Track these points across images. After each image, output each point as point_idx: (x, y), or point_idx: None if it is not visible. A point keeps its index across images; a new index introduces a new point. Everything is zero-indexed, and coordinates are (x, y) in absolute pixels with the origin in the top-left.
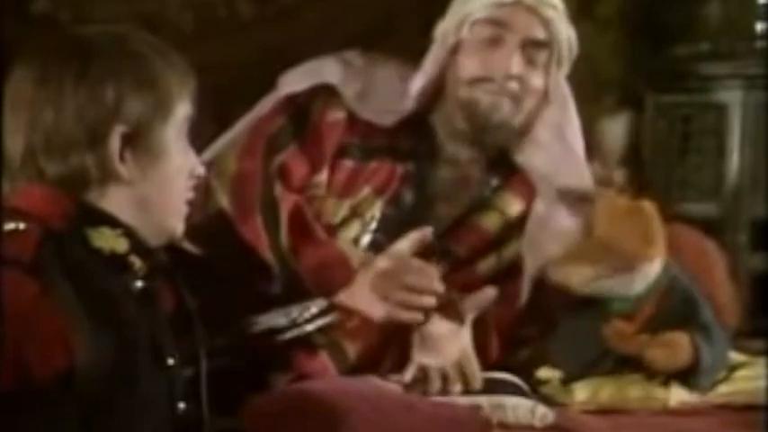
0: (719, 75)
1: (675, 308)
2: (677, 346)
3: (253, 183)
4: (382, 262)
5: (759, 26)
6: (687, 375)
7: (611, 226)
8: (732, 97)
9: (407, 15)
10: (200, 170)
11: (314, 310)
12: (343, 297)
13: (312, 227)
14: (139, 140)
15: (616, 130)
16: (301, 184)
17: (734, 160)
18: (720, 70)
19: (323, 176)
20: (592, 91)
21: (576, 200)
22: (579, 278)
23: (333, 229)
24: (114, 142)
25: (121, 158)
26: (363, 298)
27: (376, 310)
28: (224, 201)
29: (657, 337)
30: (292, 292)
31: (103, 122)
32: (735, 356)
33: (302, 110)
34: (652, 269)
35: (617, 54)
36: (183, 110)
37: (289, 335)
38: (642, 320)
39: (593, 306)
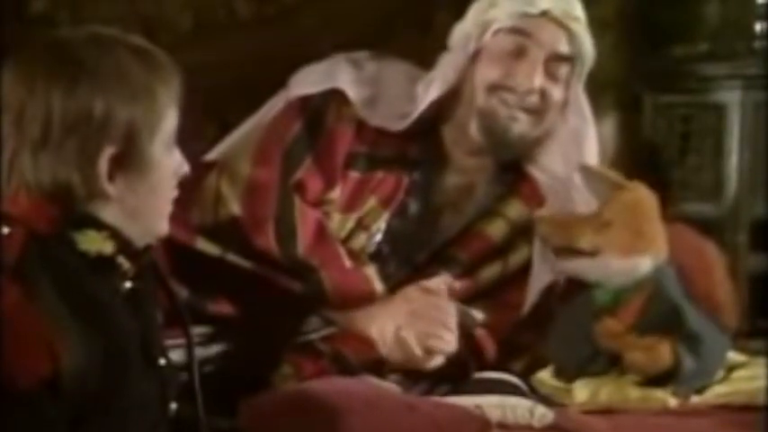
0: (718, 75)
1: (659, 316)
2: (657, 352)
3: (267, 194)
4: (411, 293)
5: (758, 26)
6: (666, 381)
7: (614, 211)
8: (731, 97)
9: (407, 16)
10: (185, 169)
11: (317, 321)
12: (358, 317)
13: (337, 250)
14: (128, 159)
15: (607, 131)
16: (316, 200)
17: (733, 160)
18: (719, 70)
19: (336, 193)
20: (590, 92)
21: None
22: (570, 239)
23: (341, 243)
24: (103, 164)
25: (110, 178)
26: (379, 325)
27: (388, 341)
28: (235, 207)
29: (641, 340)
30: (310, 295)
31: (92, 143)
32: (734, 356)
33: (317, 117)
34: (640, 265)
35: (615, 54)
36: (170, 120)
37: (293, 342)
38: (627, 321)
39: (583, 302)
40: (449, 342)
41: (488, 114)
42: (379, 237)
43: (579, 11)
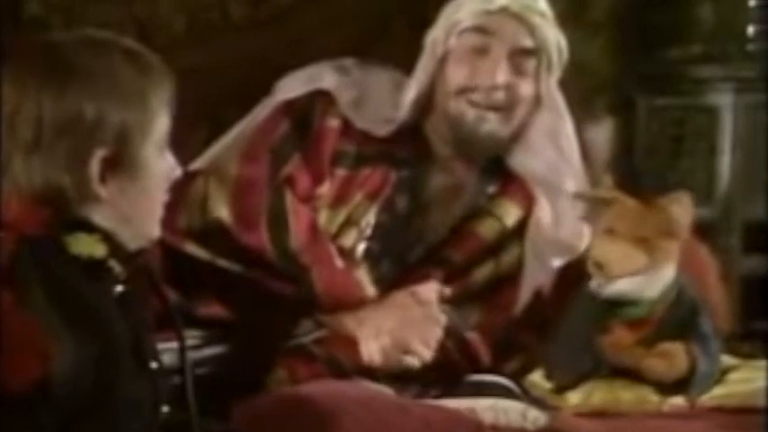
0: (711, 77)
1: (681, 317)
2: (674, 357)
3: (257, 191)
4: (403, 299)
5: (751, 29)
6: (681, 385)
7: (633, 225)
8: (724, 100)
9: (401, 20)
10: (178, 172)
11: (309, 324)
12: (349, 321)
13: (329, 249)
14: (120, 162)
15: (602, 135)
16: (305, 196)
17: (726, 163)
18: (712, 73)
19: (325, 188)
20: (584, 94)
21: (580, 207)
22: (618, 269)
23: (331, 239)
24: (94, 166)
25: (102, 180)
26: (369, 330)
27: (373, 347)
28: (223, 210)
29: (654, 348)
30: (302, 297)
31: (83, 146)
32: (728, 359)
33: (303, 116)
34: (670, 270)
35: (609, 57)
36: (163, 123)
37: (285, 345)
38: (649, 328)
39: (590, 316)
40: (422, 357)
41: (457, 117)
42: (368, 232)
43: (542, 4)
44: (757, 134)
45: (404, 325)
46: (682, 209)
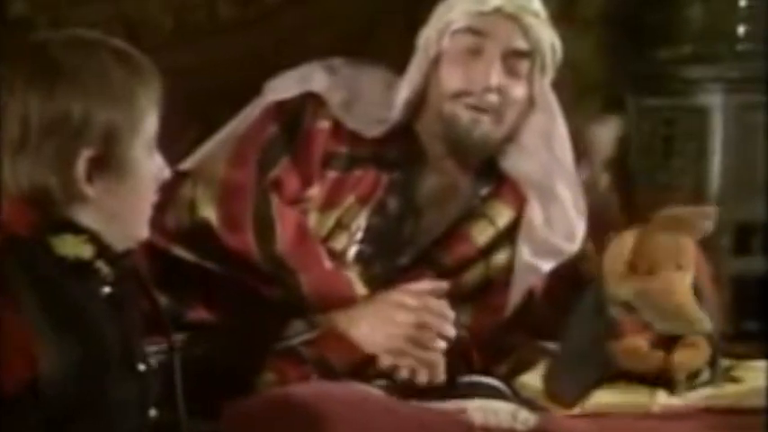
0: (701, 78)
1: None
2: (699, 345)
3: (244, 194)
4: (397, 295)
5: (741, 29)
6: (701, 378)
7: (671, 253)
8: (714, 100)
9: (391, 20)
10: (166, 173)
11: (298, 326)
12: (341, 319)
13: (317, 250)
14: (108, 162)
15: (605, 134)
16: (294, 198)
17: (716, 163)
18: (702, 73)
19: (314, 191)
20: (574, 94)
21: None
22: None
23: (321, 242)
24: (80, 166)
25: (89, 180)
26: (363, 328)
27: (374, 344)
28: (210, 212)
29: (671, 348)
30: (290, 299)
31: (70, 146)
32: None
33: (293, 118)
34: None
35: (599, 57)
36: (151, 123)
37: (274, 347)
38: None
39: (597, 326)
40: (448, 335)
41: (450, 119)
42: (359, 235)
43: (536, 5)
44: (748, 135)
45: (410, 317)
46: (710, 221)
